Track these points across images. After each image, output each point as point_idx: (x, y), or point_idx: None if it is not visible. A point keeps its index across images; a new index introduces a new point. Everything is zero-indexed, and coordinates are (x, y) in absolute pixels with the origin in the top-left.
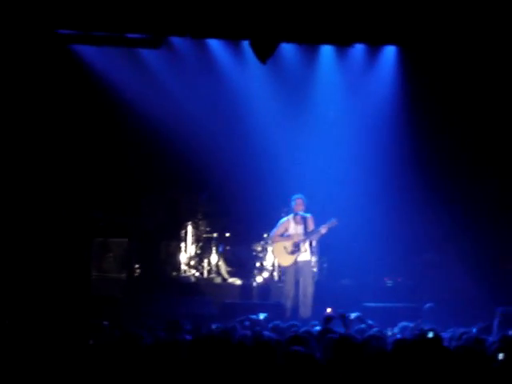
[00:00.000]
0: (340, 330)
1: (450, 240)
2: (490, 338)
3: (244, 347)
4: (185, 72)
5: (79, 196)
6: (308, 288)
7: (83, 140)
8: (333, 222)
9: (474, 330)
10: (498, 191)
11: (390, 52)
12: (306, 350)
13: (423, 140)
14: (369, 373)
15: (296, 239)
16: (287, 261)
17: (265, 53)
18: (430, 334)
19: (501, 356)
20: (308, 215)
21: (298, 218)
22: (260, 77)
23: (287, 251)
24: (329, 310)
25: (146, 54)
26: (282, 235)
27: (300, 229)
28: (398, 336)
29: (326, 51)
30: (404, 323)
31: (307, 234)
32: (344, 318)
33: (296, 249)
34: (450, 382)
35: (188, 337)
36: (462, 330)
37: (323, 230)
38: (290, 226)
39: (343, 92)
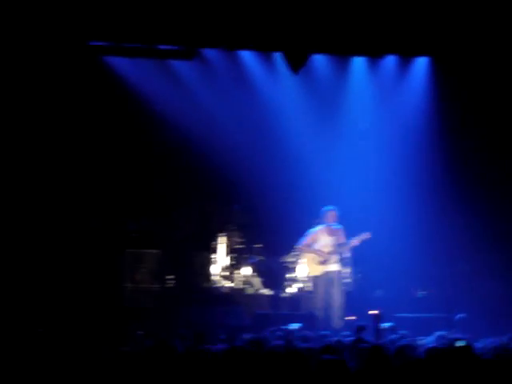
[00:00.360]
0: (372, 339)
1: (481, 250)
2: None
3: (276, 356)
4: (217, 84)
5: (113, 207)
6: (339, 298)
7: (116, 151)
8: (366, 234)
9: (506, 340)
10: None
11: (421, 63)
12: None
13: (455, 151)
14: (401, 381)
15: (327, 250)
16: (317, 271)
17: (297, 63)
18: (460, 343)
19: None
20: (339, 227)
21: (330, 229)
22: (292, 88)
23: (317, 262)
24: (352, 317)
25: (179, 65)
26: (310, 245)
27: (331, 240)
28: (431, 345)
29: (358, 62)
30: (440, 332)
31: (338, 245)
32: (379, 318)
33: (325, 260)
34: None
35: (221, 346)
36: (493, 339)
37: (355, 242)
38: (321, 236)
39: (375, 103)
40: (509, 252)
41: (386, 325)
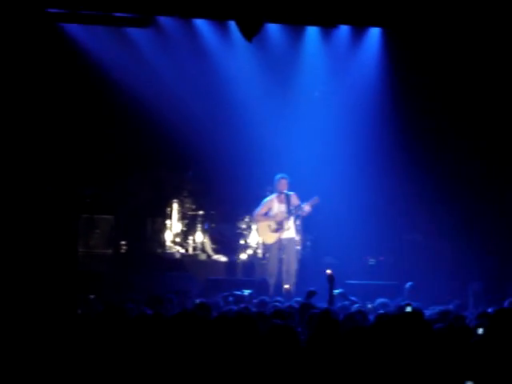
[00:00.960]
0: (322, 305)
1: (432, 220)
2: (469, 315)
3: (226, 320)
4: (172, 52)
5: (66, 173)
6: (292, 265)
7: (70, 117)
8: (315, 199)
9: (451, 307)
10: (482, 170)
11: (374, 34)
12: (288, 323)
13: (407, 119)
14: (350, 346)
15: (279, 217)
16: (271, 239)
17: (250, 31)
18: (408, 309)
19: (480, 331)
20: (292, 193)
21: (282, 196)
22: (246, 57)
23: (271, 229)
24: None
25: (135, 33)
26: (265, 214)
27: (283, 207)
28: (380, 311)
29: (312, 32)
30: (382, 299)
31: (290, 211)
32: (333, 279)
33: (279, 227)
34: (431, 355)
35: (172, 311)
36: (440, 307)
37: (306, 207)
38: (274, 204)
39: (328, 72)
40: (459, 222)
41: (337, 291)
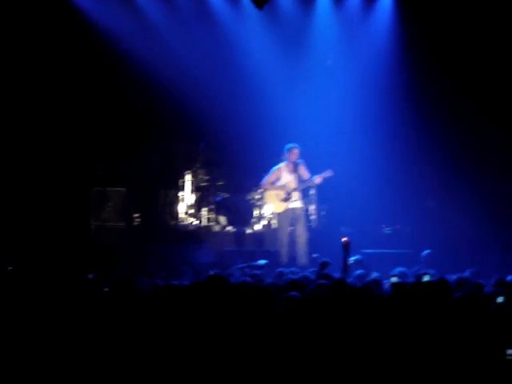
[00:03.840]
0: (337, 275)
1: (448, 187)
2: (487, 283)
3: (243, 291)
4: (182, 21)
5: (78, 145)
6: (303, 235)
7: (81, 90)
8: (328, 172)
9: (467, 274)
10: (499, 138)
11: (386, 1)
12: (302, 295)
13: (421, 88)
14: (367, 316)
15: (289, 187)
16: (279, 207)
17: None
18: (426, 278)
19: (500, 299)
20: (300, 161)
21: (291, 166)
22: (258, 26)
23: (279, 198)
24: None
25: (144, 3)
26: (273, 183)
27: (293, 177)
28: (398, 280)
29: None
30: (400, 268)
31: (301, 182)
32: (348, 246)
33: (288, 196)
34: (450, 322)
35: (186, 282)
36: (456, 275)
37: (317, 180)
38: (283, 174)
39: (340, 41)
40: (476, 189)
41: (353, 258)
